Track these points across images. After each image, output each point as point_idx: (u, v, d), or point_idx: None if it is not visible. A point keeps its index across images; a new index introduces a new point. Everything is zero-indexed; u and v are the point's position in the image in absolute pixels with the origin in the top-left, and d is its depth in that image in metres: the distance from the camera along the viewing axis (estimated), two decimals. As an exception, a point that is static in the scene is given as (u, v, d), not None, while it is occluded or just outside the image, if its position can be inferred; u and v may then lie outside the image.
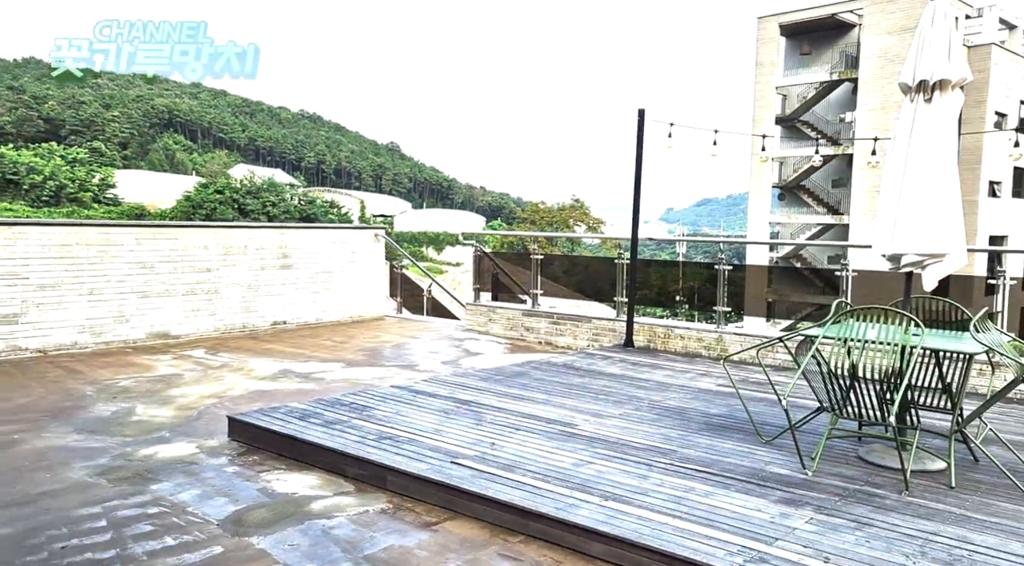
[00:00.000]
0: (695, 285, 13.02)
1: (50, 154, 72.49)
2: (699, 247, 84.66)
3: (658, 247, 74.31)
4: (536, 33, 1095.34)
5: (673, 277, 14.65)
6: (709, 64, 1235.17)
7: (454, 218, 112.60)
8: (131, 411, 5.88)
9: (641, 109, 8.12)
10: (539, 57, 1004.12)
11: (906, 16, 33.70)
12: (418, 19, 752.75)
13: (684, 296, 12.36)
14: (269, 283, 10.16)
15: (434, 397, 5.95)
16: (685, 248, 61.28)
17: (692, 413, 5.58)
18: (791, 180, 40.05)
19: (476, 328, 10.10)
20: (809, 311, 35.00)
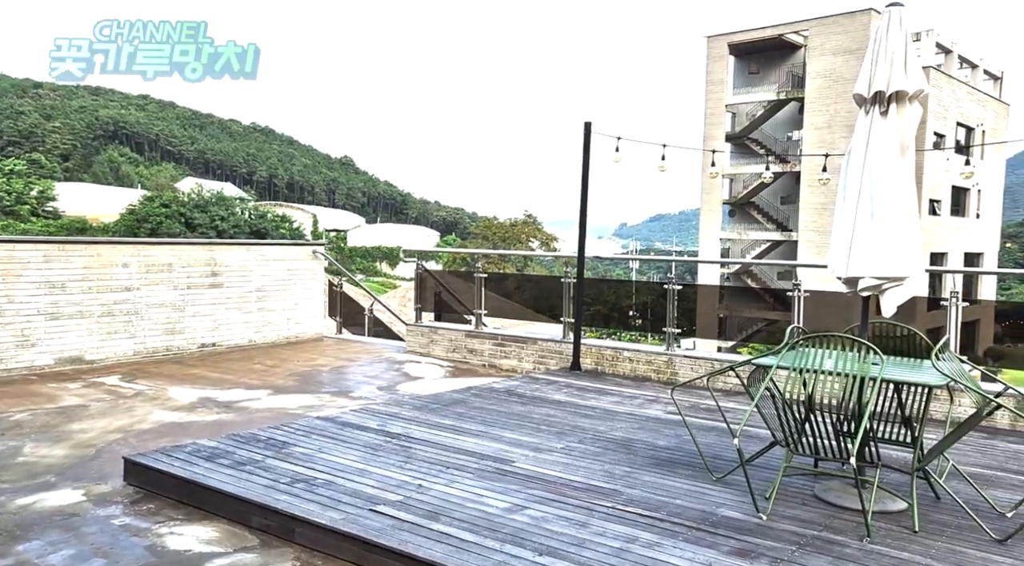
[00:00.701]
0: (648, 302, 12.80)
1: (-15, 166, 69.71)
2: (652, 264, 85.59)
3: (612, 264, 74.68)
4: (491, 49, 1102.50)
5: (625, 294, 14.41)
6: (662, 81, 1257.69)
7: (409, 233, 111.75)
8: (17, 451, 5.26)
9: (587, 122, 7.81)
10: (495, 73, 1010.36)
11: (850, 38, 34.47)
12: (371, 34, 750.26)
13: (636, 314, 12.10)
14: (197, 303, 9.52)
15: (362, 430, 5.47)
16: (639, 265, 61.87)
17: (639, 445, 5.20)
18: (741, 197, 40.52)
19: (418, 350, 9.62)
20: (759, 327, 35.34)
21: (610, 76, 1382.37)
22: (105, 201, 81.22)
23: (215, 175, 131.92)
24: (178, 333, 9.36)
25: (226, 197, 61.62)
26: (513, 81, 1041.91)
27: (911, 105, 3.71)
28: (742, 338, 35.48)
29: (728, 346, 37.53)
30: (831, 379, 3.68)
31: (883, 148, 3.72)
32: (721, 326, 35.33)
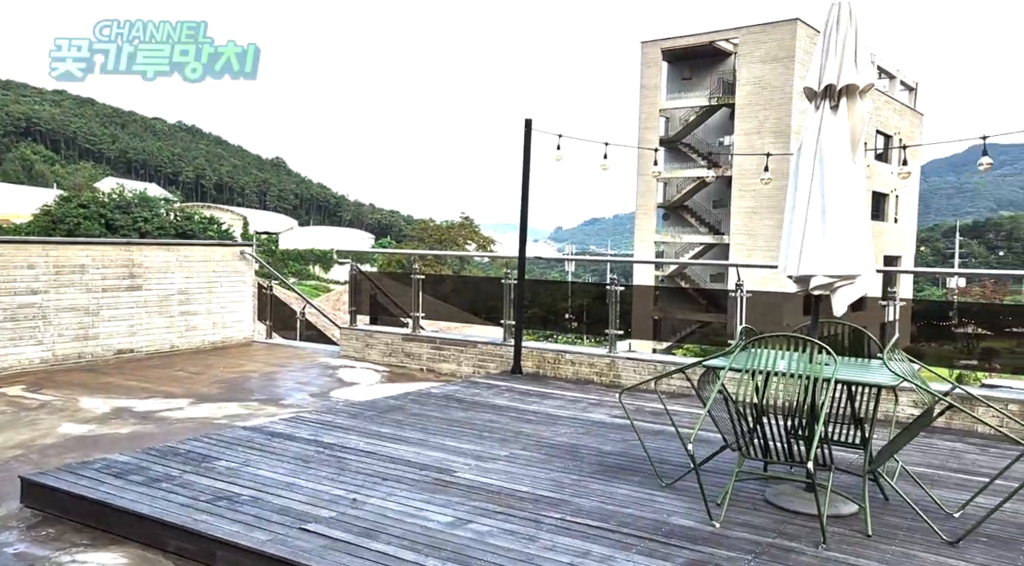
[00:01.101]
0: (584, 304, 12.74)
1: None
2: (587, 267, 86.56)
3: (548, 266, 75.01)
4: (427, 51, 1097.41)
5: (562, 297, 14.29)
6: (597, 86, 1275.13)
7: (342, 236, 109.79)
8: (-101, 471, 4.72)
9: (528, 119, 7.63)
10: (431, 74, 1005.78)
11: (778, 46, 35.46)
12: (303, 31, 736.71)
13: (573, 316, 11.99)
14: (113, 306, 8.92)
15: (293, 440, 5.12)
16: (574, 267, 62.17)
17: (584, 451, 5.02)
18: (675, 200, 41.20)
19: (352, 354, 9.25)
20: (693, 329, 35.94)
21: (546, 79, 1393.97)
22: (17, 201, 76.94)
23: (138, 175, 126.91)
24: (92, 339, 8.74)
25: (150, 198, 59.20)
26: (449, 83, 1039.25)
27: (862, 99, 3.64)
28: (676, 339, 36.06)
29: (663, 348, 38.05)
30: (784, 381, 3.57)
31: (834, 144, 3.64)
32: (656, 328, 35.83)
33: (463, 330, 11.30)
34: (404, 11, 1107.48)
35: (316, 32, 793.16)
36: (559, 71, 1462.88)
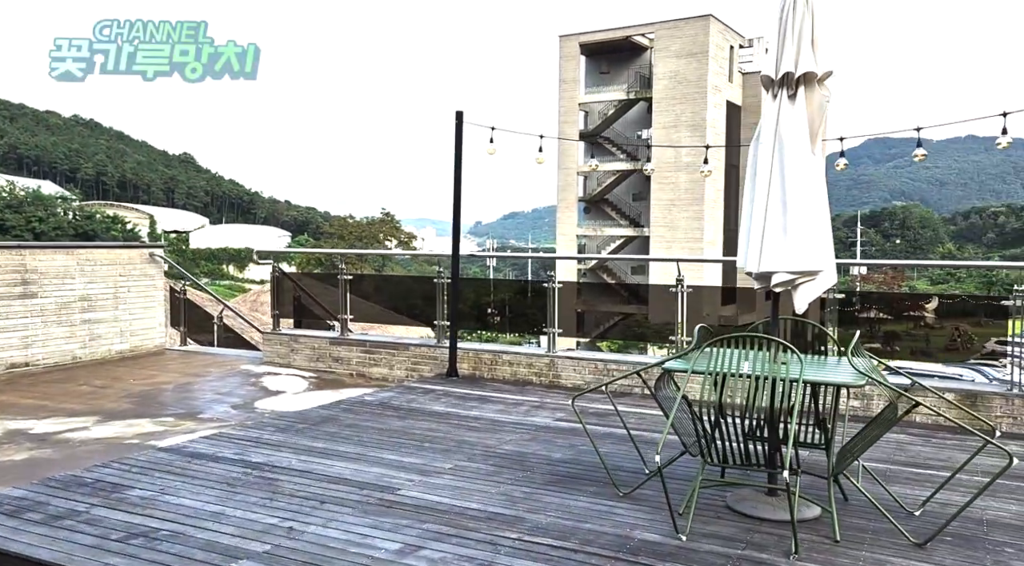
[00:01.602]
0: (505, 299, 12.53)
1: None
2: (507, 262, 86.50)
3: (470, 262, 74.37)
4: (339, 42, 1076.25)
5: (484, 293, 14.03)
6: (515, 79, 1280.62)
7: (257, 233, 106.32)
8: None
9: (459, 111, 7.32)
10: (344, 66, 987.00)
11: (692, 42, 36.22)
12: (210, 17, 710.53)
13: (495, 311, 11.77)
14: (3, 316, 8.11)
15: (216, 461, 4.67)
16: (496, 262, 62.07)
17: (533, 460, 4.78)
18: (596, 194, 41.60)
19: (276, 360, 8.73)
20: (616, 321, 36.38)
21: (464, 73, 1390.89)
22: None
23: (30, 172, 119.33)
24: (-19, 353, 7.93)
25: (44, 196, 55.64)
26: (364, 75, 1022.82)
27: (820, 87, 3.51)
28: (599, 333, 36.43)
29: (586, 341, 38.44)
30: (749, 383, 3.41)
31: (793, 135, 3.50)
32: (579, 321, 36.13)
33: (390, 331, 10.91)
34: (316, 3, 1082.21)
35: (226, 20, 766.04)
36: (477, 64, 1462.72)
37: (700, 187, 36.67)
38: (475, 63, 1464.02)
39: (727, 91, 37.68)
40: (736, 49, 38.38)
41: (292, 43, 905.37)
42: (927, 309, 9.40)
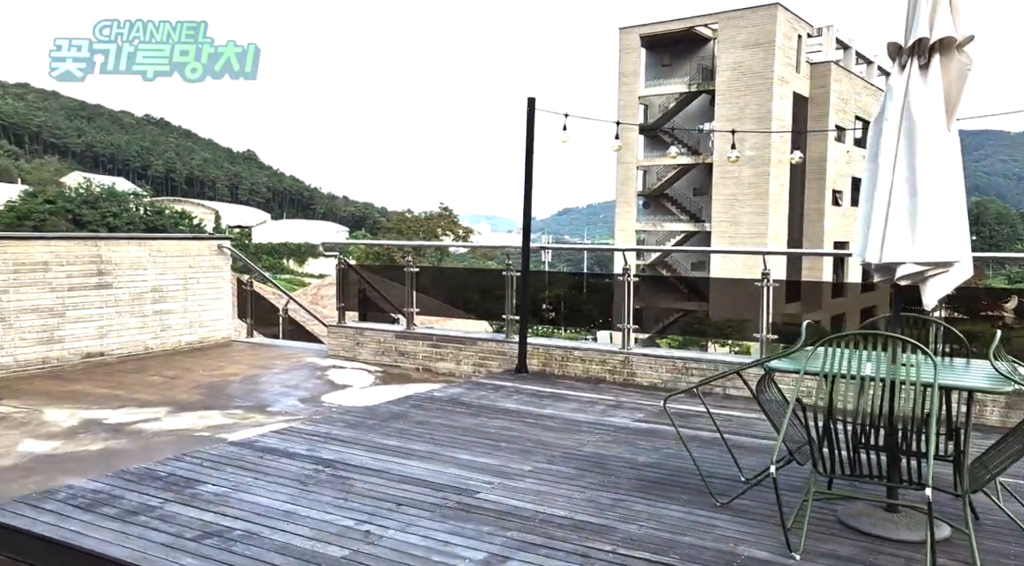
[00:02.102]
0: (560, 294, 12.24)
1: None
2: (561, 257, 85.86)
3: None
4: (396, 40, 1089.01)
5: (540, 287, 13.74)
6: (571, 73, 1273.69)
7: (316, 229, 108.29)
8: None
9: (531, 98, 7.06)
10: (403, 64, 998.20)
11: (757, 32, 35.14)
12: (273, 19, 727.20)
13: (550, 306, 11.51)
14: (80, 306, 8.22)
15: (288, 457, 4.53)
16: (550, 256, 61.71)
17: (617, 464, 4.49)
18: (655, 188, 40.84)
19: (342, 354, 8.64)
20: (676, 317, 35.68)
21: (522, 67, 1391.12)
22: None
23: (106, 169, 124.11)
24: (56, 342, 8.04)
25: (118, 192, 57.68)
26: (420, 73, 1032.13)
27: (959, 54, 3.13)
28: (659, 329, 35.79)
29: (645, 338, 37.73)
30: (873, 387, 3.06)
31: (926, 109, 3.13)
32: (638, 317, 35.55)
33: (448, 324, 10.72)
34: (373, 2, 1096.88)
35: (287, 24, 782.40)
36: (535, 59, 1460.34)
37: (764, 181, 35.62)
38: (531, 58, 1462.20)
39: (794, 82, 36.47)
40: (804, 38, 37.10)
41: (350, 43, 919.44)
42: (1006, 308, 8.78)
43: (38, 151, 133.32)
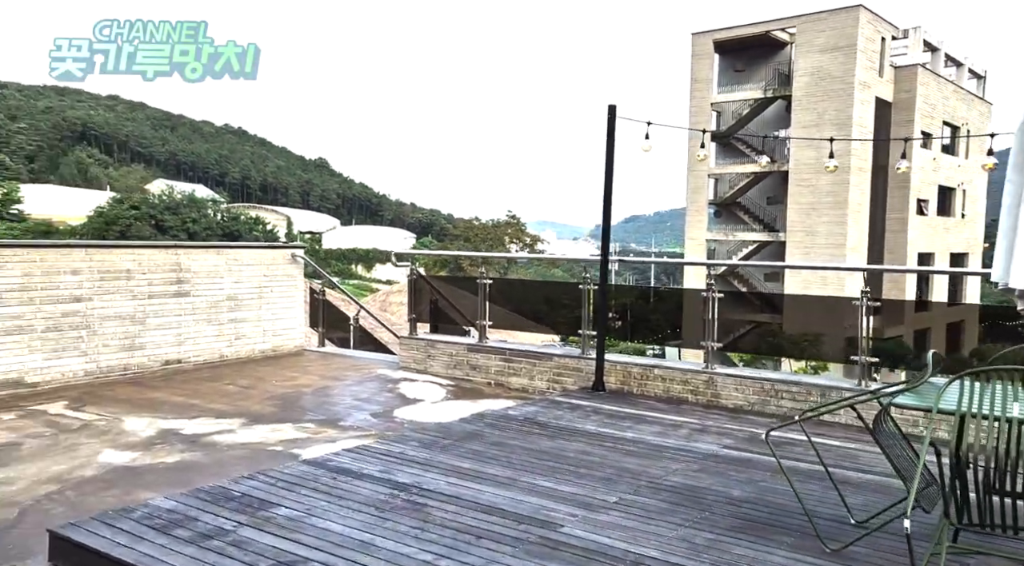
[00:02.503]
0: (627, 304, 11.87)
1: (-56, 168, 67.44)
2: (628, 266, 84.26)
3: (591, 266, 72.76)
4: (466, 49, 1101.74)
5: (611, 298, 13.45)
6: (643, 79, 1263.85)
7: (384, 235, 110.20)
8: (-84, 515, 4.10)
9: (612, 105, 6.80)
10: (471, 72, 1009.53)
11: (838, 35, 33.91)
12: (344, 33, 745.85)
13: (616, 315, 11.21)
14: (160, 314, 8.35)
15: (361, 479, 4.38)
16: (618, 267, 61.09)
17: (710, 497, 4.17)
18: (727, 197, 39.84)
19: (413, 366, 8.52)
20: (747, 330, 34.64)
21: (590, 74, 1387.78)
22: (72, 203, 78.82)
23: (187, 177, 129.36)
24: (138, 349, 8.18)
25: (198, 199, 59.95)
26: (489, 80, 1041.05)
27: None
28: (729, 341, 34.76)
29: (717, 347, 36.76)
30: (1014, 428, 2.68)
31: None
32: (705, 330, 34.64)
33: (515, 337, 10.50)
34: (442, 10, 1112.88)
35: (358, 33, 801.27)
36: (603, 65, 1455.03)
37: (844, 190, 34.26)
38: (599, 63, 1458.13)
39: (877, 87, 35.01)
40: (888, 41, 35.59)
41: (421, 51, 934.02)
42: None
43: (125, 159, 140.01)
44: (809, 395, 6.03)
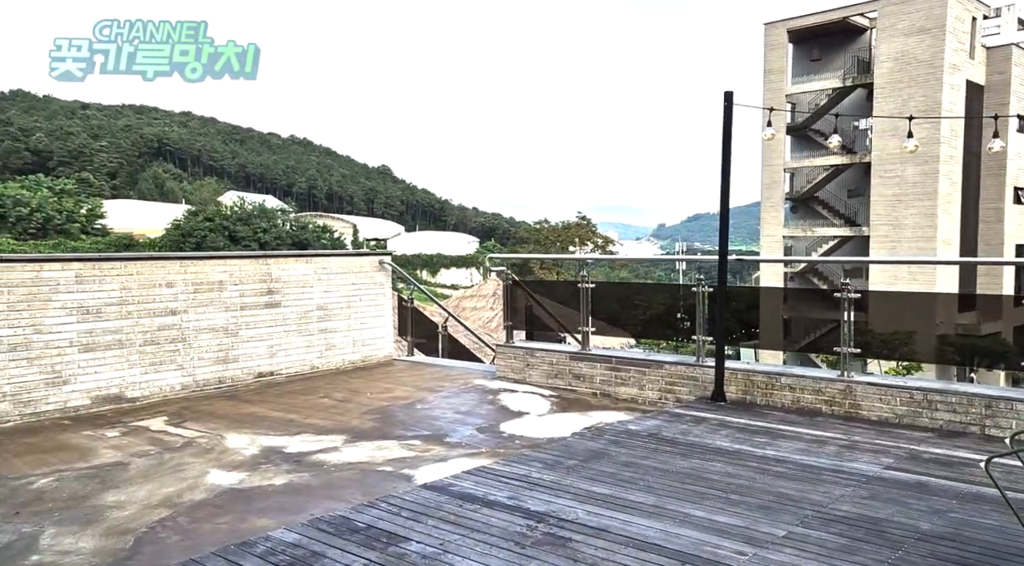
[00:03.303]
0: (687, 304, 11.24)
1: (37, 186, 70.94)
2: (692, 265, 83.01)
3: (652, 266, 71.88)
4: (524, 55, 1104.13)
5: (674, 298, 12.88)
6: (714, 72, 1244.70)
7: (448, 240, 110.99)
8: (32, 542, 3.89)
9: (728, 91, 6.27)
10: (527, 74, 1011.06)
11: (924, 16, 32.18)
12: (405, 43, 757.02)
13: (685, 317, 10.62)
14: (252, 325, 8.19)
15: (490, 508, 3.98)
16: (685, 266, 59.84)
17: (895, 532, 3.61)
18: (805, 191, 38.33)
19: (509, 375, 8.13)
20: (830, 328, 33.17)
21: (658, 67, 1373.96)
22: (151, 217, 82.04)
23: (256, 188, 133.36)
24: (231, 362, 8.03)
25: (267, 209, 61.50)
26: (549, 83, 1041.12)
27: None
28: (808, 342, 33.31)
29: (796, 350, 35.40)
30: None
31: None
32: (786, 329, 33.28)
33: (601, 341, 9.97)
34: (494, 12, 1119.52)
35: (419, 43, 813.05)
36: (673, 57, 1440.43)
37: (933, 180, 32.47)
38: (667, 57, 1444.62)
39: (967, 70, 33.08)
40: (979, 21, 33.60)
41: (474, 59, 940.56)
42: None
43: (199, 173, 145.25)
44: (971, 406, 5.36)
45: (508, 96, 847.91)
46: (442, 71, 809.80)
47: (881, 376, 5.91)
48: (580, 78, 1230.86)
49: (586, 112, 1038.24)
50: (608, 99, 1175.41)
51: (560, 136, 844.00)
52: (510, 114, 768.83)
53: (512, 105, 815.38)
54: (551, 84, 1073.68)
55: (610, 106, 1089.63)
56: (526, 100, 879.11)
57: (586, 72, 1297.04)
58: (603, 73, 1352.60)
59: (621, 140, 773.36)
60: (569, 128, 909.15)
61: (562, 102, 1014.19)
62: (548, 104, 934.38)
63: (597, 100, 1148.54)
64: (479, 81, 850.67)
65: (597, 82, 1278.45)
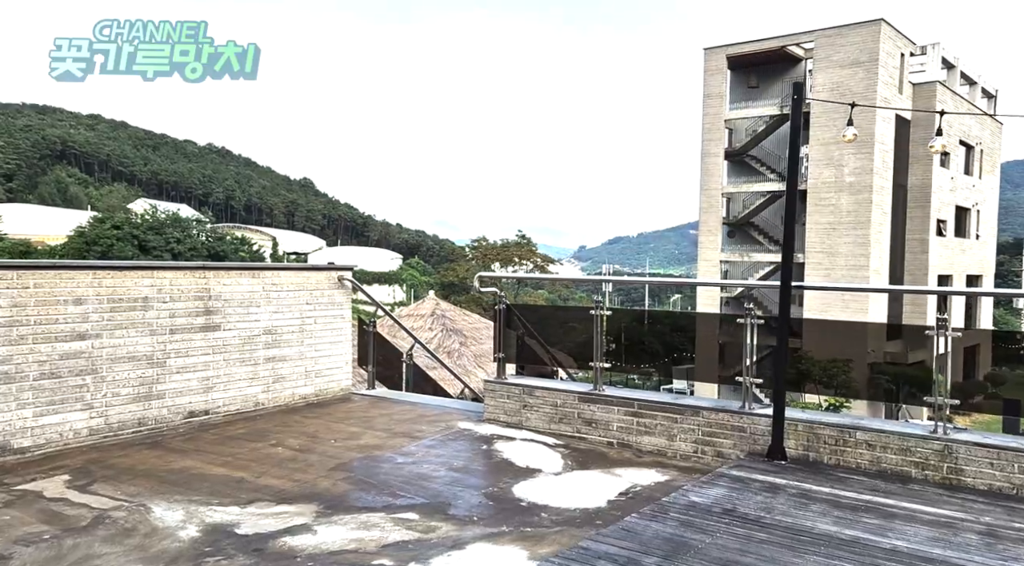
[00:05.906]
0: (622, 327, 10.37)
1: (-82, 185, 65.11)
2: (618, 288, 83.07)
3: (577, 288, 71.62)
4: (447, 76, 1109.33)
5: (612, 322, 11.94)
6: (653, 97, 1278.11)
7: (370, 256, 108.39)
8: None
9: (798, 82, 5.22)
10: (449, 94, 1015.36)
11: (858, 50, 32.83)
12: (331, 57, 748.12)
13: (611, 340, 9.70)
14: (183, 353, 6.58)
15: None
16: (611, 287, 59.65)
17: None
18: (741, 217, 38.50)
19: (501, 417, 6.79)
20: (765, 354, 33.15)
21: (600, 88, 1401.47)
22: (52, 223, 76.52)
23: (170, 197, 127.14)
24: (156, 398, 6.40)
25: (182, 218, 57.95)
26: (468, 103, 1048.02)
27: None
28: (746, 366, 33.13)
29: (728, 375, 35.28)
30: None
31: None
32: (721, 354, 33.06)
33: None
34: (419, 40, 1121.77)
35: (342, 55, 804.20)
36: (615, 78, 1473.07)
37: (866, 209, 32.98)
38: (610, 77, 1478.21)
39: (896, 104, 33.94)
40: (906, 57, 34.59)
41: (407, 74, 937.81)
42: None
43: (107, 179, 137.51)
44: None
45: (432, 114, 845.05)
46: (369, 88, 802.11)
47: (991, 434, 4.88)
48: (506, 99, 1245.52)
49: (511, 134, 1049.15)
50: (533, 120, 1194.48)
51: (486, 156, 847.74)
52: (434, 131, 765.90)
53: (436, 124, 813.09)
54: (475, 104, 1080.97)
55: (536, 128, 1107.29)
56: (450, 119, 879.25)
57: (513, 93, 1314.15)
58: (530, 94, 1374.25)
59: (545, 162, 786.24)
60: (495, 149, 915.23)
61: (488, 122, 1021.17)
62: (474, 124, 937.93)
63: (522, 122, 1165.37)
64: (404, 99, 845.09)
65: (523, 103, 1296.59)
